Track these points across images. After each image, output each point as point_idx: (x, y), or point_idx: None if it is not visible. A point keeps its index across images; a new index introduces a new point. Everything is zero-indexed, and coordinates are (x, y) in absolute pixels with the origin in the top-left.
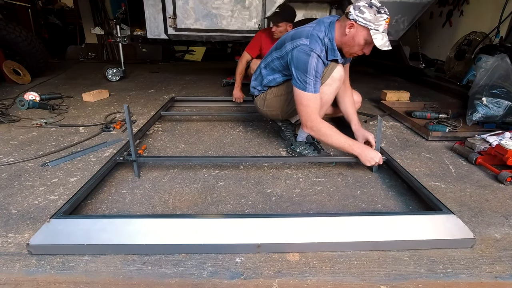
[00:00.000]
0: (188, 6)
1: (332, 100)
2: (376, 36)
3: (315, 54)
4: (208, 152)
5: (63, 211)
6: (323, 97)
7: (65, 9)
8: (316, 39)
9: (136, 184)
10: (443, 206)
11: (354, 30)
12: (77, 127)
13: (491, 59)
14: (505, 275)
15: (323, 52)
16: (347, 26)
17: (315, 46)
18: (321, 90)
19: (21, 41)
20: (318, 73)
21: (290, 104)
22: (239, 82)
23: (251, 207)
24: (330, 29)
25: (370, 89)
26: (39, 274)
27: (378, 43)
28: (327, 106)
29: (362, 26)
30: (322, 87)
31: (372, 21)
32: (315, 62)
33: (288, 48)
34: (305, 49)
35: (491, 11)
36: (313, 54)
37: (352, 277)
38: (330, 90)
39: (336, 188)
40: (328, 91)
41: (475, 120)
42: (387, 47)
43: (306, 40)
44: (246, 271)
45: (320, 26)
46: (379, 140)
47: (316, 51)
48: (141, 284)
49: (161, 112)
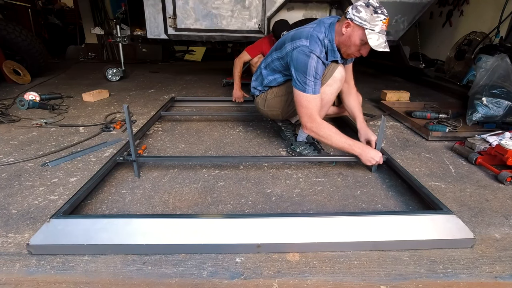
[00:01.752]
0: (188, 6)
1: (333, 101)
2: (371, 36)
3: (314, 55)
4: (208, 152)
5: (63, 211)
6: (324, 98)
7: (65, 9)
8: (316, 40)
9: (136, 184)
10: (443, 206)
11: (350, 29)
12: (77, 127)
13: (491, 59)
14: (505, 275)
15: (322, 53)
16: (344, 25)
17: (315, 47)
18: (322, 91)
19: (21, 41)
20: (317, 74)
21: (291, 105)
22: (238, 82)
23: (251, 207)
24: (330, 30)
25: (370, 89)
26: (39, 274)
27: (373, 43)
28: (328, 106)
29: (358, 26)
30: (323, 88)
31: (367, 21)
32: (314, 63)
33: (288, 49)
34: (304, 50)
35: (491, 11)
36: (313, 56)
37: (352, 277)
38: (330, 91)
39: (336, 188)
40: (328, 92)
41: (475, 120)
42: (382, 49)
43: (306, 41)
44: (246, 271)
45: (320, 27)
46: (380, 140)
47: (315, 53)
48: (141, 284)
49: (161, 112)
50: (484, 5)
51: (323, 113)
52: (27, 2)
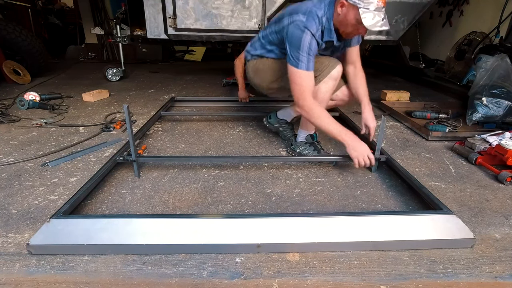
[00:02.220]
0: (188, 6)
1: (328, 99)
2: (366, 15)
3: (309, 32)
4: (208, 152)
5: (63, 211)
6: (319, 95)
7: (65, 9)
8: (314, 17)
9: (136, 184)
10: (443, 206)
11: (345, 9)
12: (77, 127)
13: (491, 59)
14: (505, 275)
15: (318, 31)
16: (339, 5)
17: (311, 24)
18: (318, 87)
19: (21, 41)
20: (311, 50)
21: (278, 83)
22: (242, 82)
23: (251, 207)
24: (329, 7)
25: (370, 89)
26: (39, 274)
27: (367, 22)
28: (324, 104)
29: (352, 5)
30: (319, 85)
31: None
32: (308, 39)
33: (285, 23)
34: (300, 25)
35: (491, 11)
36: (307, 31)
37: (352, 277)
38: (326, 88)
39: (336, 188)
40: (324, 89)
41: (475, 120)
42: (379, 27)
43: (303, 16)
44: (246, 271)
45: (321, 4)
46: (380, 140)
47: (311, 29)
48: (141, 284)
49: (161, 112)
50: (484, 5)
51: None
52: (27, 2)
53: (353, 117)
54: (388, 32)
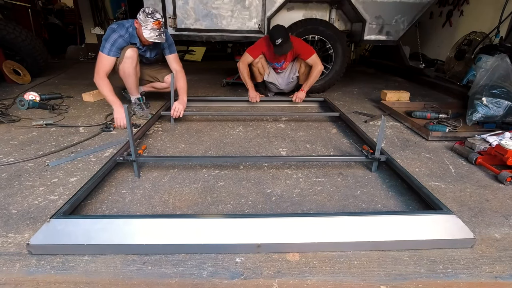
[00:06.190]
0: (188, 6)
1: (131, 73)
2: (145, 31)
3: (117, 33)
4: (208, 152)
5: (63, 211)
6: (125, 70)
7: (65, 9)
8: (122, 25)
9: (136, 184)
10: (443, 206)
11: (138, 25)
12: (77, 127)
13: (491, 59)
14: (505, 275)
15: (126, 35)
16: (135, 22)
17: (120, 29)
18: (122, 65)
19: (21, 41)
20: (115, 43)
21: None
22: (251, 84)
23: (251, 207)
24: (132, 23)
25: (370, 89)
26: (39, 274)
27: (145, 35)
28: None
29: (139, 24)
30: (122, 64)
31: (143, 21)
32: (115, 36)
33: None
34: (112, 27)
35: (491, 11)
36: (116, 32)
37: (352, 277)
38: (127, 65)
39: (336, 188)
40: (125, 65)
41: (475, 120)
42: (153, 40)
43: (115, 25)
44: (246, 271)
45: (129, 21)
46: (380, 140)
47: (119, 32)
48: (141, 284)
49: (161, 112)
50: (484, 5)
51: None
52: (27, 2)
53: (353, 117)
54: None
